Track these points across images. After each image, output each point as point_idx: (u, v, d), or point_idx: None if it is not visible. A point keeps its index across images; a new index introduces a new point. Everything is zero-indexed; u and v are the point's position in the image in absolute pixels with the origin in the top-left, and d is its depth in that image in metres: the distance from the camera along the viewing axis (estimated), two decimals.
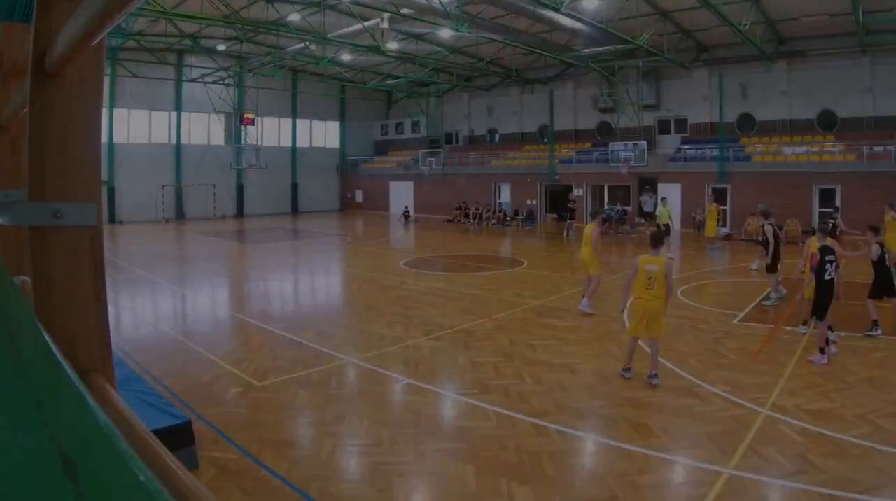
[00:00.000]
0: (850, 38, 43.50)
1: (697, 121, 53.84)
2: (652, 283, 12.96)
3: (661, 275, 12.95)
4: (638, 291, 13.18)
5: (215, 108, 61.08)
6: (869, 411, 11.05)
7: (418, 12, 38.31)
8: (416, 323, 18.44)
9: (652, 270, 13.00)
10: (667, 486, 8.86)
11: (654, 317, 13.00)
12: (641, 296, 13.12)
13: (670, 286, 13.33)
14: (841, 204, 41.48)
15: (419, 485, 8.81)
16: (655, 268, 13.00)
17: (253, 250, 38.39)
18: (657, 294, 12.98)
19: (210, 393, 12.35)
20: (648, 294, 13.00)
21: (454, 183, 63.55)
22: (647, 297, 13.02)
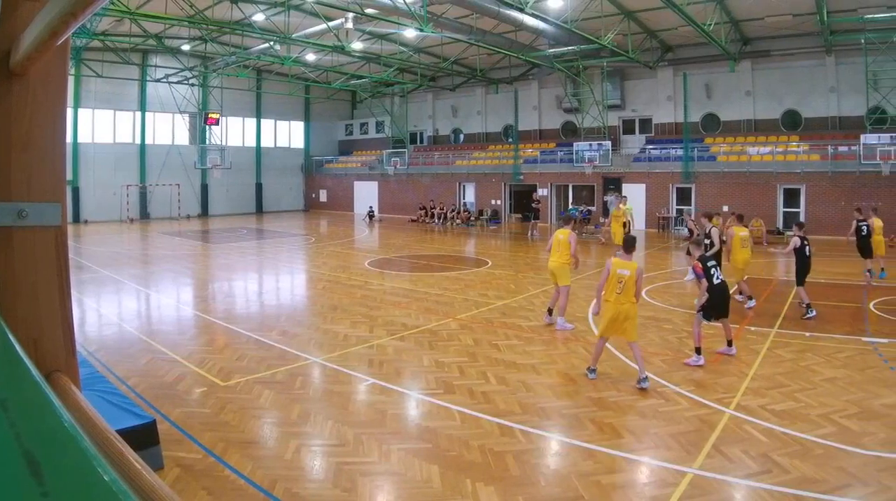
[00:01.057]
0: (814, 38, 43.95)
1: (662, 121, 54.20)
2: (622, 287, 12.88)
3: (631, 280, 12.88)
4: (607, 294, 13.12)
5: (180, 108, 60.87)
6: (833, 411, 11.16)
7: (383, 12, 38.25)
8: (381, 322, 18.45)
9: (623, 274, 12.93)
10: (631, 486, 8.86)
11: (627, 319, 12.90)
12: (610, 299, 13.03)
13: (639, 291, 13.26)
14: (805, 203, 41.74)
15: (384, 485, 8.78)
16: (627, 273, 12.92)
17: (217, 250, 38.19)
18: (626, 298, 12.89)
19: (174, 393, 12.28)
20: (617, 297, 12.92)
21: (418, 183, 63.68)
22: (617, 300, 12.91)
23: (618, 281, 12.93)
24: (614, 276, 13.00)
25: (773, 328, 17.41)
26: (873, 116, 40.86)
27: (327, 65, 58.44)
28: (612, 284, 13.02)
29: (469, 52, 53.44)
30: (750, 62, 48.85)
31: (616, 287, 12.93)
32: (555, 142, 59.85)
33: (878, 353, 14.95)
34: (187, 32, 49.58)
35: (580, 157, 50.10)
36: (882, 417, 10.83)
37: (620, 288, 12.88)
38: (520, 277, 27.01)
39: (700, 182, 46.89)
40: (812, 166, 42.50)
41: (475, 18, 40.91)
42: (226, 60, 53.49)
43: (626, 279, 12.86)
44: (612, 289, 13.00)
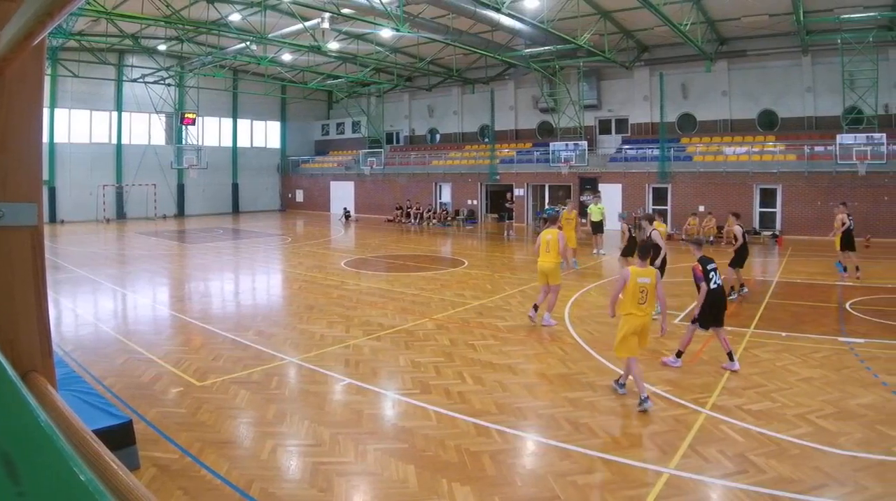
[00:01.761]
0: (790, 38, 44.21)
1: (638, 121, 54.49)
2: (645, 297, 12.10)
3: (653, 288, 12.17)
4: (629, 307, 12.14)
5: (156, 108, 60.68)
6: (809, 411, 11.21)
7: (359, 12, 38.20)
8: (357, 322, 18.46)
9: (644, 283, 12.11)
10: (608, 486, 8.83)
11: (645, 334, 12.34)
12: (633, 312, 12.08)
13: (663, 298, 12.71)
14: (781, 203, 41.90)
15: (360, 485, 8.79)
16: (648, 281, 12.14)
17: (194, 250, 38.10)
18: (649, 309, 12.24)
19: (151, 393, 12.26)
20: (641, 309, 12.09)
21: (395, 183, 63.76)
22: (640, 313, 12.08)
23: (639, 291, 12.08)
24: (634, 286, 12.09)
25: (750, 328, 17.46)
26: (849, 116, 41.03)
27: (303, 65, 58.43)
28: (633, 295, 12.11)
29: (445, 52, 53.51)
30: (726, 62, 49.06)
31: (638, 297, 12.09)
32: (531, 142, 60.07)
33: (855, 353, 15.00)
34: (163, 32, 49.39)
35: (556, 157, 50.10)
36: (858, 417, 10.87)
37: (644, 298, 12.09)
38: (496, 277, 27.05)
39: (676, 182, 47.04)
40: (788, 166, 42.71)
41: (451, 18, 40.94)
42: (202, 60, 53.37)
43: (649, 288, 12.12)
44: (634, 301, 12.11)
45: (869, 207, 39.09)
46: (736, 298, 21.18)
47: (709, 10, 41.88)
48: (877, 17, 37.97)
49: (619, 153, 52.84)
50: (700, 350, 15.18)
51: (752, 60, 47.64)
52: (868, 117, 40.28)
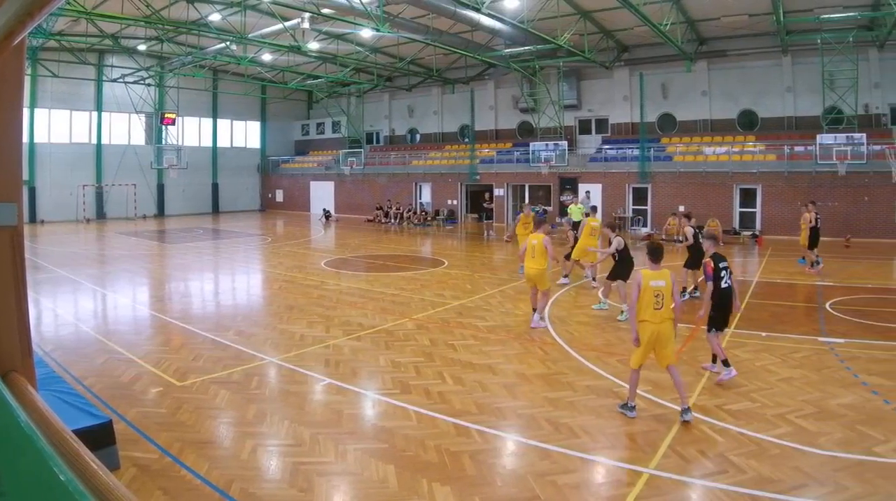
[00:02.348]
0: (770, 38, 44.43)
1: (618, 121, 54.55)
2: (660, 302, 11.22)
3: (668, 291, 11.33)
4: (643, 313, 11.30)
5: (136, 108, 60.57)
6: (789, 411, 11.27)
7: (339, 12, 38.12)
8: (337, 322, 18.49)
9: (659, 286, 11.28)
10: (588, 486, 8.90)
11: (665, 342, 11.27)
12: (648, 319, 11.23)
13: (679, 302, 11.82)
14: (761, 203, 42.01)
15: (340, 485, 8.79)
16: (662, 284, 11.32)
17: (174, 250, 37.99)
18: (666, 314, 11.28)
19: (131, 393, 12.26)
20: (657, 315, 11.21)
21: (375, 183, 63.93)
22: (656, 319, 11.19)
23: (654, 296, 11.22)
24: (648, 291, 11.26)
25: (729, 328, 17.48)
26: (829, 116, 41.19)
27: (283, 65, 58.33)
28: (648, 300, 11.26)
29: (425, 52, 53.59)
30: (706, 62, 49.19)
31: (653, 302, 11.22)
32: (511, 142, 60.13)
33: (835, 353, 15.07)
34: (143, 32, 49.30)
35: (536, 157, 50.19)
36: (838, 417, 10.90)
37: (659, 303, 11.23)
38: (476, 277, 27.09)
39: (656, 182, 47.20)
40: (768, 166, 42.86)
41: (431, 18, 40.91)
42: (182, 60, 53.22)
43: (663, 291, 11.27)
44: (648, 306, 11.25)
45: (849, 207, 39.26)
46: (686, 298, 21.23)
47: (688, 10, 41.98)
48: (856, 16, 38.11)
49: (599, 153, 52.98)
50: (680, 350, 15.20)
51: (732, 60, 47.80)
52: (848, 117, 40.46)
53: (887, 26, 36.75)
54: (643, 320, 11.24)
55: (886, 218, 38.88)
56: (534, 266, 17.84)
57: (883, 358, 14.67)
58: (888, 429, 10.41)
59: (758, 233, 41.20)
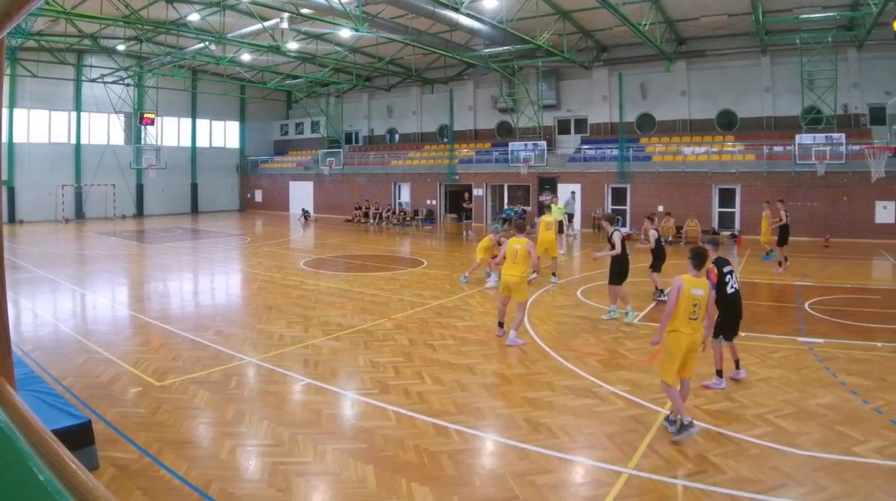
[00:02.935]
0: (749, 38, 44.61)
1: (597, 121, 54.84)
2: (697, 312, 10.59)
3: (705, 301, 10.70)
4: (678, 322, 10.60)
5: (115, 108, 60.34)
6: (768, 411, 11.31)
7: (318, 12, 38.07)
8: (316, 322, 18.50)
9: (698, 295, 10.62)
10: (567, 486, 8.92)
11: (694, 354, 10.80)
12: (681, 329, 10.56)
13: (713, 313, 11.32)
14: (740, 203, 42.16)
15: (319, 485, 8.80)
16: (701, 293, 10.68)
17: (153, 250, 37.92)
18: (699, 325, 10.70)
19: (110, 393, 12.24)
20: (691, 325, 10.60)
21: (354, 183, 64.12)
22: (690, 329, 10.58)
23: (692, 305, 10.55)
24: (687, 299, 10.56)
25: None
26: (808, 116, 41.35)
27: (262, 65, 58.16)
28: (685, 309, 10.56)
29: (404, 52, 53.57)
30: (685, 62, 49.38)
31: (690, 311, 10.56)
32: (490, 142, 60.34)
33: (814, 353, 15.16)
34: (122, 32, 49.12)
35: (515, 157, 50.26)
36: (817, 417, 10.96)
37: (696, 313, 10.59)
38: (455, 277, 27.10)
39: (635, 182, 47.31)
40: (747, 166, 43.06)
41: (410, 18, 40.88)
42: (161, 60, 53.07)
43: (701, 300, 10.63)
44: (685, 315, 10.56)
45: (828, 207, 39.47)
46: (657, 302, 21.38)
47: (667, 10, 42.09)
48: (835, 16, 38.32)
49: (578, 153, 53.19)
50: (659, 350, 15.26)
51: (711, 60, 47.97)
52: (827, 117, 40.61)
53: (866, 26, 36.87)
54: (676, 330, 10.58)
55: (865, 218, 39.09)
56: (515, 273, 16.19)
57: (862, 358, 14.74)
58: (867, 429, 10.47)
59: (737, 233, 41.33)
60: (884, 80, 41.19)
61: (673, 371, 10.53)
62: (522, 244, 16.28)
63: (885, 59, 40.54)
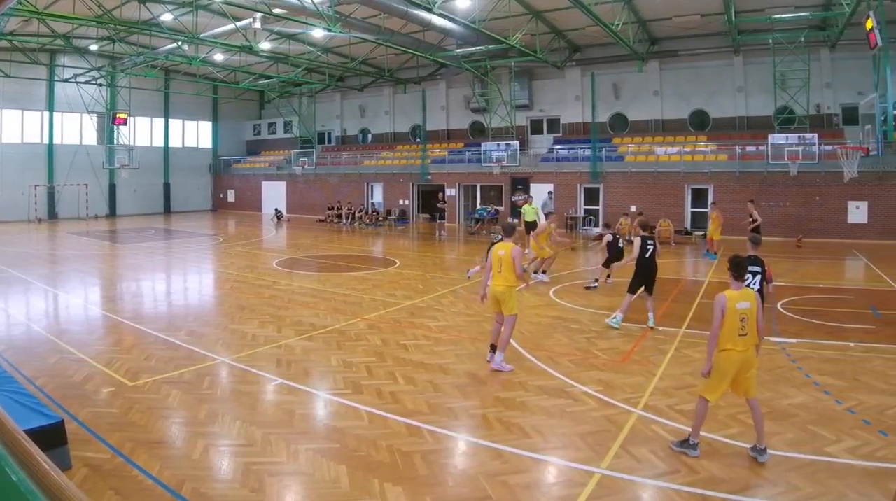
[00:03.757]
0: (722, 38, 44.99)
1: (570, 121, 55.10)
2: (745, 327, 9.55)
3: (753, 314, 9.66)
4: (726, 340, 9.57)
5: (88, 108, 60.05)
6: (741, 411, 11.21)
7: (290, 12, 38.04)
8: (289, 322, 18.49)
9: (744, 309, 9.59)
10: (539, 486, 8.92)
11: (750, 368, 9.72)
12: (731, 348, 9.55)
13: (763, 327, 10.03)
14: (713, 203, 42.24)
15: (292, 485, 8.79)
16: (747, 306, 9.63)
17: (125, 250, 37.80)
18: (751, 340, 9.67)
19: (82, 393, 12.20)
20: (741, 343, 9.56)
21: (326, 183, 64.07)
22: (741, 346, 9.56)
23: (739, 320, 9.52)
24: (734, 315, 9.53)
25: (681, 328, 17.62)
26: (781, 116, 41.60)
27: (235, 65, 58.31)
28: (732, 326, 9.54)
29: (377, 52, 53.76)
30: (658, 62, 49.67)
31: (737, 328, 9.52)
32: (463, 142, 60.54)
33: (786, 353, 15.23)
34: (95, 32, 48.81)
35: (488, 157, 50.54)
36: (790, 417, 11.03)
37: (745, 329, 9.54)
38: (428, 277, 27.21)
39: (608, 182, 47.47)
40: (719, 166, 43.28)
41: (383, 18, 40.91)
42: (134, 60, 52.88)
43: (749, 313, 9.60)
44: (733, 333, 9.53)
45: (800, 207, 39.71)
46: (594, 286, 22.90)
47: (640, 10, 42.30)
48: (808, 16, 38.64)
49: (551, 153, 53.35)
50: (631, 350, 15.29)
51: (684, 60, 48.22)
52: (800, 117, 40.85)
53: (839, 26, 37.11)
54: (726, 349, 9.56)
55: (838, 218, 39.34)
56: (501, 282, 14.24)
57: (834, 358, 14.83)
58: (839, 429, 10.53)
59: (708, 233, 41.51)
60: (856, 80, 41.36)
61: (718, 390, 9.68)
62: (508, 250, 14.22)
63: (858, 59, 40.65)
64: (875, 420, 10.98)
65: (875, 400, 11.98)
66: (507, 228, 15.36)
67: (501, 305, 14.28)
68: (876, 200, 38.72)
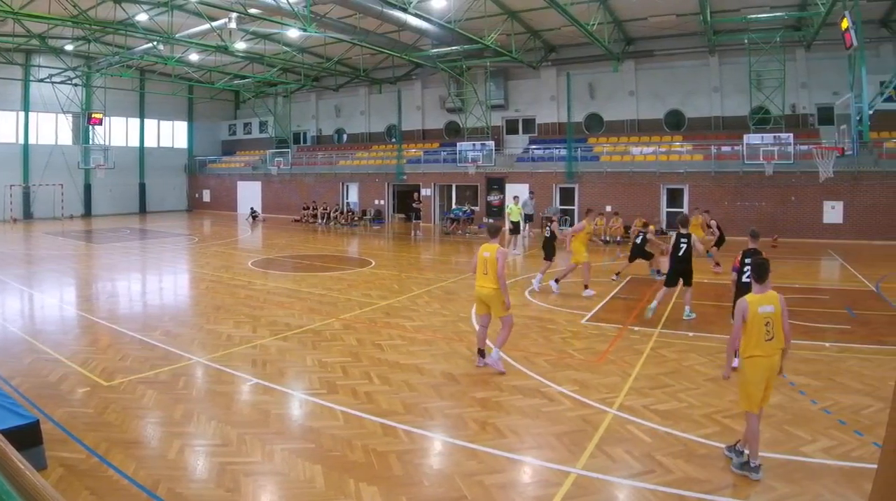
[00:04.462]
0: (697, 38, 45.15)
1: (545, 122, 55.28)
2: (771, 331, 9.16)
3: (778, 318, 9.22)
4: (752, 347, 9.21)
5: (63, 108, 59.67)
6: (716, 411, 11.38)
7: (266, 12, 37.98)
8: (264, 322, 18.46)
9: (768, 313, 9.19)
10: (515, 486, 8.91)
11: (773, 377, 9.40)
12: (757, 354, 9.19)
13: (789, 332, 9.45)
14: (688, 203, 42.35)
15: (267, 485, 8.78)
16: (771, 309, 9.22)
17: (101, 250, 37.57)
18: (778, 345, 9.26)
19: (58, 393, 12.15)
20: (768, 348, 9.20)
21: (302, 183, 64.03)
22: (767, 351, 9.20)
23: (763, 325, 9.15)
24: (757, 320, 9.17)
25: (657, 328, 17.62)
26: (756, 116, 41.82)
27: (211, 65, 58.22)
28: (757, 331, 9.17)
29: (352, 52, 53.74)
30: (633, 62, 49.86)
31: (763, 333, 9.15)
32: (438, 142, 60.61)
33: None
34: (71, 32, 48.68)
35: (463, 157, 50.39)
36: (765, 417, 10.77)
37: (770, 333, 9.17)
38: (403, 277, 27.22)
39: (583, 182, 47.56)
40: (695, 166, 43.43)
41: (359, 18, 40.85)
42: (109, 60, 52.67)
43: (773, 317, 9.20)
44: (759, 338, 9.16)
45: (776, 207, 39.88)
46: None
47: (616, 10, 42.41)
48: (783, 17, 38.84)
49: (527, 153, 53.48)
50: (607, 350, 15.32)
51: (660, 60, 48.40)
52: (775, 117, 41.10)
53: (814, 26, 37.24)
54: (752, 355, 9.20)
55: (813, 218, 39.55)
56: (487, 284, 13.95)
57: (810, 358, 14.84)
58: (815, 429, 10.56)
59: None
60: (832, 80, 41.60)
61: (756, 399, 9.23)
62: (492, 251, 13.92)
63: (833, 59, 40.88)
64: (850, 420, 11.02)
65: (850, 400, 12.01)
66: (492, 229, 15.12)
67: (490, 307, 14.12)
68: (851, 200, 38.93)
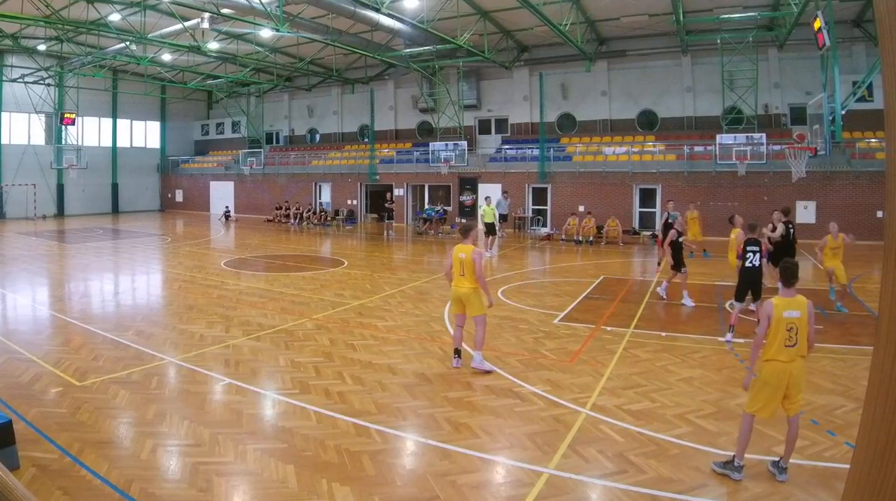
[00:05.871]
0: (670, 38, 45.31)
1: (518, 122, 55.48)
2: (794, 337, 8.90)
3: (803, 323, 8.94)
4: (773, 351, 8.97)
5: (36, 108, 59.52)
6: (689, 411, 11.43)
7: (239, 12, 37.90)
8: (237, 322, 18.46)
9: (793, 318, 8.90)
10: (487, 486, 8.92)
11: (797, 384, 8.98)
12: (777, 358, 8.94)
13: (813, 338, 9.17)
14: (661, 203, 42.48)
15: (240, 485, 8.76)
16: (797, 315, 8.93)
17: (73, 250, 37.38)
18: (798, 351, 8.96)
19: (30, 393, 12.11)
20: (789, 352, 8.91)
21: (274, 183, 64.25)
22: (787, 357, 8.91)
23: (786, 329, 8.89)
24: (781, 323, 8.90)
25: (629, 328, 17.68)
26: (729, 116, 42.12)
27: (183, 65, 57.98)
28: (780, 335, 8.91)
29: (325, 52, 53.70)
30: (606, 62, 49.98)
31: (785, 337, 8.89)
32: (411, 142, 60.66)
33: (734, 353, 15.40)
34: (43, 32, 48.62)
35: (436, 157, 50.51)
36: (738, 417, 10.73)
37: (793, 339, 8.91)
38: (376, 277, 27.26)
39: (556, 182, 47.71)
40: (667, 166, 43.65)
41: (331, 18, 40.92)
42: (82, 60, 52.47)
43: (798, 323, 8.91)
44: (780, 342, 8.90)
45: (748, 207, 39.81)
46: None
47: (588, 10, 42.50)
48: (756, 17, 39.06)
49: (499, 153, 53.60)
50: (579, 350, 15.36)
51: (632, 60, 48.55)
52: (748, 117, 41.40)
53: (787, 26, 37.39)
54: (771, 359, 8.97)
55: None
56: (465, 284, 14.01)
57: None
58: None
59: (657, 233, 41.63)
60: (804, 80, 42.00)
61: (760, 402, 9.04)
62: (468, 252, 13.96)
63: (806, 59, 41.25)
64: (823, 420, 11.09)
65: (823, 400, 12.07)
66: (463, 229, 14.85)
67: (466, 307, 14.10)
68: (824, 200, 39.11)
